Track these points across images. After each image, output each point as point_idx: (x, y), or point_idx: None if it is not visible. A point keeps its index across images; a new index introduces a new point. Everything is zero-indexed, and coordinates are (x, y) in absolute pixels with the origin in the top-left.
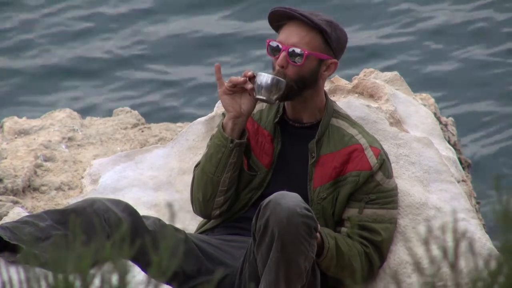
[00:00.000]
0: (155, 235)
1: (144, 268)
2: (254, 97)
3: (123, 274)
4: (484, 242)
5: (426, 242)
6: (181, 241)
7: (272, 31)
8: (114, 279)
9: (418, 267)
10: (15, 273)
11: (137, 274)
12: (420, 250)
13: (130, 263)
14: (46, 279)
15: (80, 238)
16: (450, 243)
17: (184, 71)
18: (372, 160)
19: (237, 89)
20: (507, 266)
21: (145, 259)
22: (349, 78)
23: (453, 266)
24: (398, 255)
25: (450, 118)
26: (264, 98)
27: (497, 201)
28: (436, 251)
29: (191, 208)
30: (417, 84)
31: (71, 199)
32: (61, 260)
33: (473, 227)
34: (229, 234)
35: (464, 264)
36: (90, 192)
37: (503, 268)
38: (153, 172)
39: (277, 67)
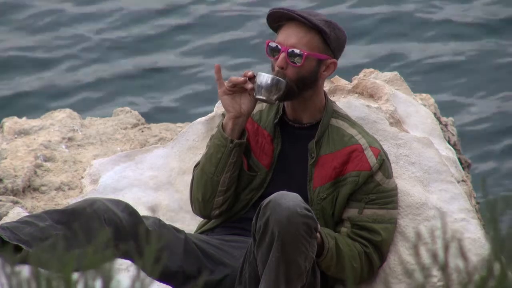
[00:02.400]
0: (155, 235)
1: (144, 268)
2: (254, 97)
3: (108, 279)
4: (484, 242)
5: (415, 246)
6: (181, 241)
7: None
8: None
9: (407, 271)
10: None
11: (122, 279)
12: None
13: (116, 267)
14: (46, 279)
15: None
16: (440, 245)
17: None
18: (372, 160)
19: (237, 89)
20: (498, 269)
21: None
22: None
23: (444, 269)
24: (398, 255)
25: (450, 118)
26: (264, 98)
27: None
28: (426, 255)
29: (191, 208)
30: None
31: (71, 199)
32: (48, 263)
33: (473, 227)
34: (229, 234)
35: (456, 266)
36: (90, 192)
37: (492, 272)
38: (153, 172)
39: (276, 68)
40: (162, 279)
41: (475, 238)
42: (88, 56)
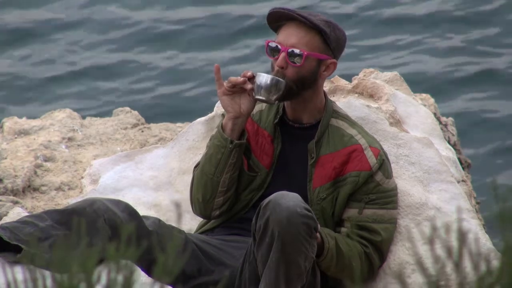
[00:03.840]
0: (155, 235)
1: (145, 268)
2: (253, 97)
3: (129, 274)
4: (484, 242)
5: (430, 241)
6: (181, 241)
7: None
8: (119, 278)
9: (421, 266)
10: (14, 274)
11: (142, 275)
12: (421, 250)
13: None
14: (45, 279)
15: (85, 238)
16: (453, 242)
17: None
18: (372, 160)
19: (236, 90)
20: (509, 267)
21: (145, 259)
22: None
23: (457, 265)
24: (398, 255)
25: (450, 118)
26: (264, 98)
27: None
28: (439, 251)
29: (191, 208)
30: None
31: (71, 199)
32: (66, 260)
33: (473, 227)
34: (229, 234)
35: (467, 263)
36: (90, 192)
37: (505, 269)
38: (153, 172)
39: (276, 68)
40: None
41: (475, 238)
42: None
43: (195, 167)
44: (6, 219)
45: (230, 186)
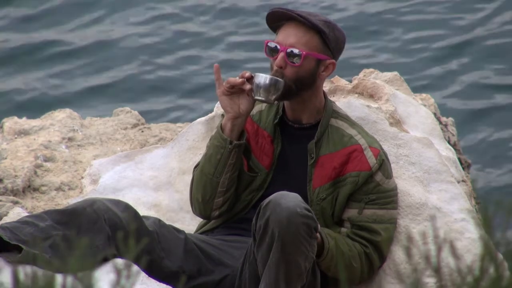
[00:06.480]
0: (155, 235)
1: (144, 268)
2: (252, 97)
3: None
4: None
5: (407, 249)
6: (181, 241)
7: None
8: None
9: (398, 274)
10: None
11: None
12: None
13: (96, 273)
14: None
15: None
16: (433, 247)
17: None
18: (372, 160)
19: (235, 90)
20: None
21: (145, 259)
22: None
23: (437, 271)
24: (398, 255)
25: (450, 118)
26: (263, 98)
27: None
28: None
29: (191, 209)
30: None
31: (71, 199)
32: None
33: (473, 227)
34: (229, 234)
35: (452, 267)
36: (90, 192)
37: (486, 272)
38: (153, 172)
39: (275, 68)
40: (162, 279)
41: (475, 238)
42: None
43: (195, 167)
44: (6, 219)
45: (230, 186)
